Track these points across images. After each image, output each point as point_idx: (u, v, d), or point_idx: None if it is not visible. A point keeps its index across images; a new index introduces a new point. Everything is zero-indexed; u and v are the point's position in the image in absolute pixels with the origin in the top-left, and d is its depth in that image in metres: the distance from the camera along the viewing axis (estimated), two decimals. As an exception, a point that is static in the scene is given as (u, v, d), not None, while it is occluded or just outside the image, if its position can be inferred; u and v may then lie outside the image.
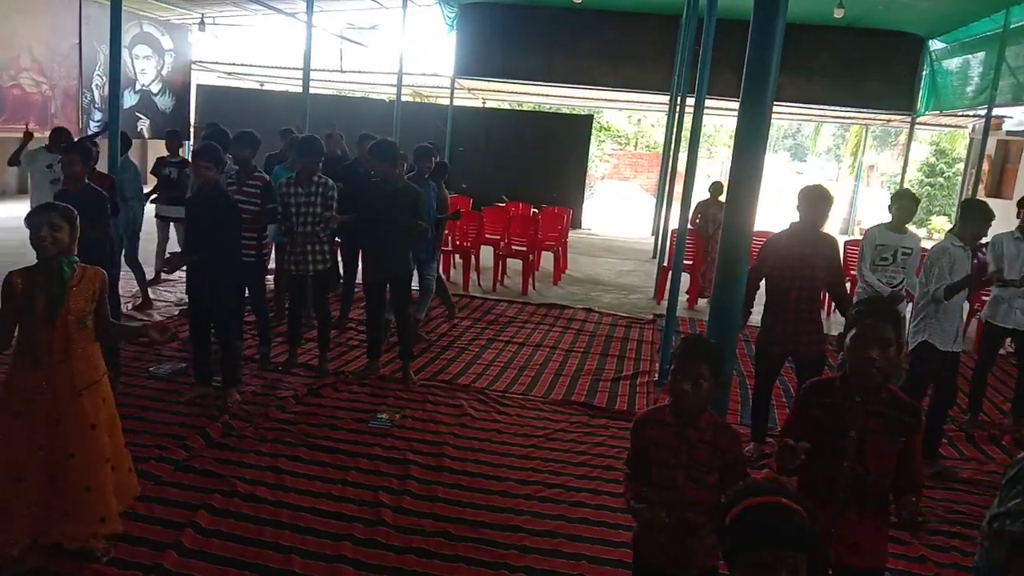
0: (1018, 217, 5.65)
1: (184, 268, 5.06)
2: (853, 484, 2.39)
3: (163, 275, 8.11)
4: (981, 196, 14.40)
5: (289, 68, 17.18)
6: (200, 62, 18.50)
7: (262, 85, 20.32)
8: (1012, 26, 11.66)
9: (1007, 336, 5.70)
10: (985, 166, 17.02)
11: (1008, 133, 17.09)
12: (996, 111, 13.29)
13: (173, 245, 8.19)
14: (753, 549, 1.49)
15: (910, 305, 5.35)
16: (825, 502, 2.40)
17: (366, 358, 6.04)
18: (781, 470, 2.36)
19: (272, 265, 6.95)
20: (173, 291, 8.08)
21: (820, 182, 5.18)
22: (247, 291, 5.83)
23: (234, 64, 18.98)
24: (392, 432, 4.87)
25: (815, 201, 4.60)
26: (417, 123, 14.82)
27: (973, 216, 4.86)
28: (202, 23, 16.49)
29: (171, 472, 4.09)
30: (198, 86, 18.03)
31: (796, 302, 4.63)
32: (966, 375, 5.91)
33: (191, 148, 17.68)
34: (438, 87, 17.97)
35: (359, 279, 6.48)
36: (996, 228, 6.00)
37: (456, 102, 16.72)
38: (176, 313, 7.24)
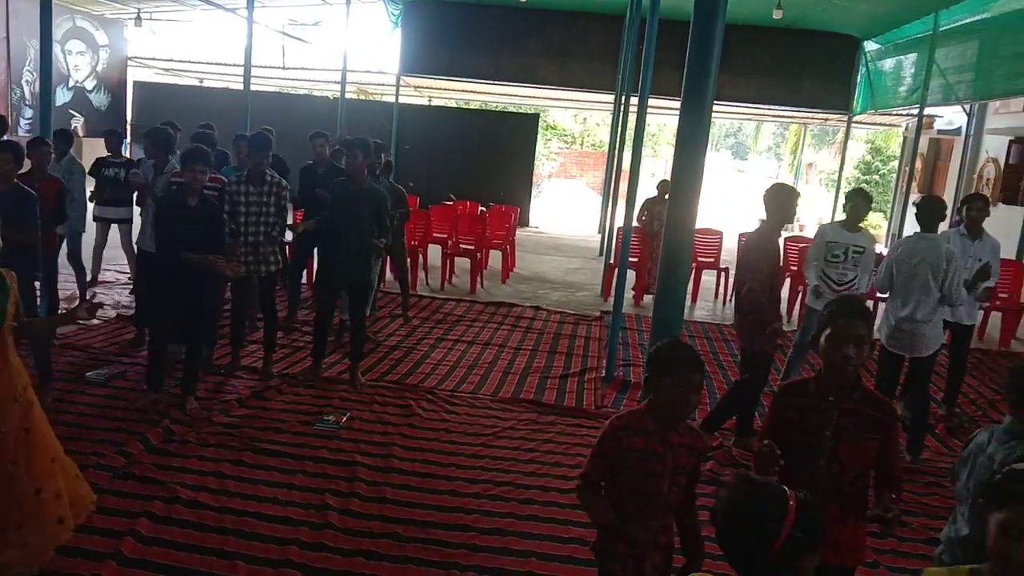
0: (958, 214, 5.82)
1: (138, 270, 4.96)
2: (831, 483, 2.42)
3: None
4: (915, 193, 14.90)
5: (229, 65, 16.81)
6: (137, 58, 17.99)
7: (201, 82, 19.86)
8: (941, 29, 12.08)
9: (947, 329, 5.84)
10: (918, 164, 17.61)
11: (939, 132, 17.69)
12: (927, 111, 13.74)
13: (111, 247, 7.98)
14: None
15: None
16: None
17: (311, 359, 5.95)
18: (760, 473, 2.36)
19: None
20: (109, 293, 7.84)
21: (783, 181, 5.31)
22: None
23: (172, 60, 18.52)
24: (339, 434, 4.81)
25: (782, 199, 4.71)
26: (362, 121, 14.66)
27: (936, 215, 5.01)
28: (138, 18, 16.03)
29: (109, 480, 3.97)
30: (135, 83, 17.54)
31: (777, 298, 4.77)
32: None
33: (129, 146, 17.22)
34: (383, 84, 17.82)
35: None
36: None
37: (402, 100, 16.60)
38: (113, 316, 7.03)
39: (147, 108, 16.33)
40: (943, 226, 5.40)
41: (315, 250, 7.07)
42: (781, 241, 4.96)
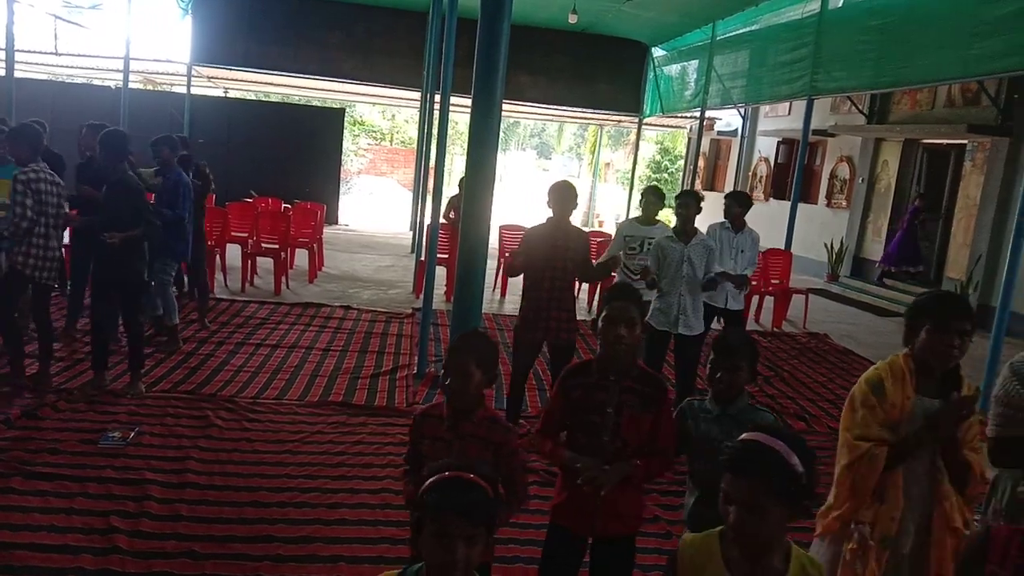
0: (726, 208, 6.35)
1: None
2: (613, 457, 2.55)
3: None
4: (698, 189, 16.16)
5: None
6: None
7: (-45, 66, 17.58)
8: (718, 38, 13.19)
9: (716, 314, 6.34)
10: (701, 163, 19.15)
11: (719, 133, 19.33)
12: (708, 113, 14.96)
13: None
14: (435, 516, 1.60)
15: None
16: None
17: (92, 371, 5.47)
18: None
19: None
20: None
21: (565, 178, 5.49)
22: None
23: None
24: (126, 451, 4.44)
25: (561, 195, 4.88)
26: (149, 112, 13.66)
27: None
28: None
29: None
30: None
31: (549, 291, 4.84)
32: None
33: None
34: (173, 74, 16.68)
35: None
36: (711, 217, 6.73)
37: (195, 91, 15.62)
38: None
39: None
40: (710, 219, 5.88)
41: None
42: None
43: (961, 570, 1.85)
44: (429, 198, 8.17)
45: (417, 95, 15.12)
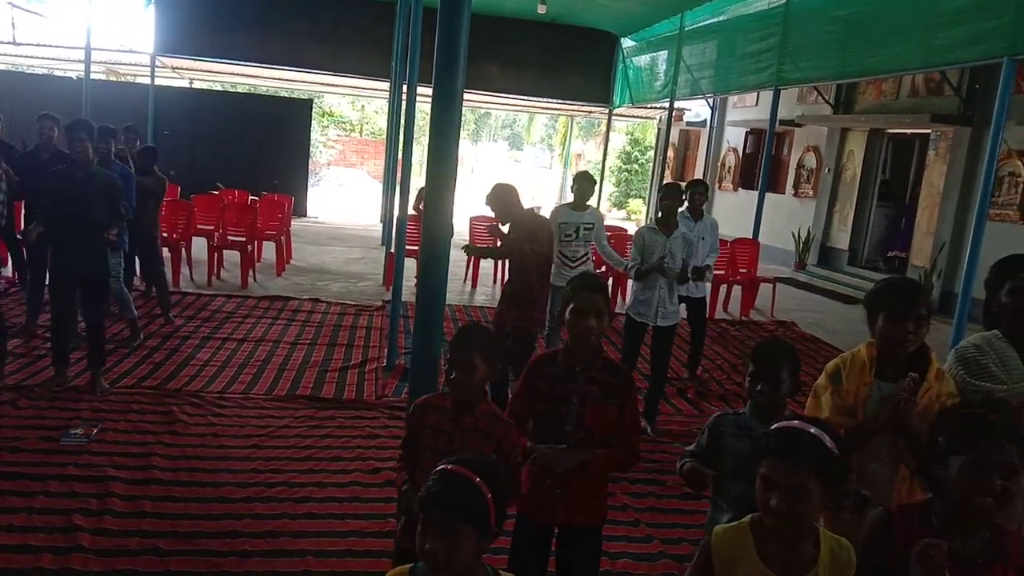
0: (685, 199, 6.38)
1: None
2: (576, 447, 2.55)
3: None
4: (668, 179, 16.21)
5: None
6: None
7: (-91, 57, 17.12)
8: (686, 28, 13.23)
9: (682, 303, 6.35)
10: (670, 153, 19.24)
11: (688, 124, 19.43)
12: (677, 104, 15.01)
13: None
14: (421, 505, 1.64)
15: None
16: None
17: (52, 368, 5.36)
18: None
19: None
20: None
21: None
22: None
23: None
24: (89, 448, 4.36)
25: (496, 198, 5.05)
26: (112, 104, 13.38)
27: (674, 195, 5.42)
28: None
29: None
30: None
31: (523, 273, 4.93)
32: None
33: None
34: (137, 65, 16.38)
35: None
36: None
37: (159, 82, 15.36)
38: None
39: None
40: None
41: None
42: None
43: (865, 553, 1.89)
44: (398, 190, 8.11)
45: (386, 86, 15.00)
